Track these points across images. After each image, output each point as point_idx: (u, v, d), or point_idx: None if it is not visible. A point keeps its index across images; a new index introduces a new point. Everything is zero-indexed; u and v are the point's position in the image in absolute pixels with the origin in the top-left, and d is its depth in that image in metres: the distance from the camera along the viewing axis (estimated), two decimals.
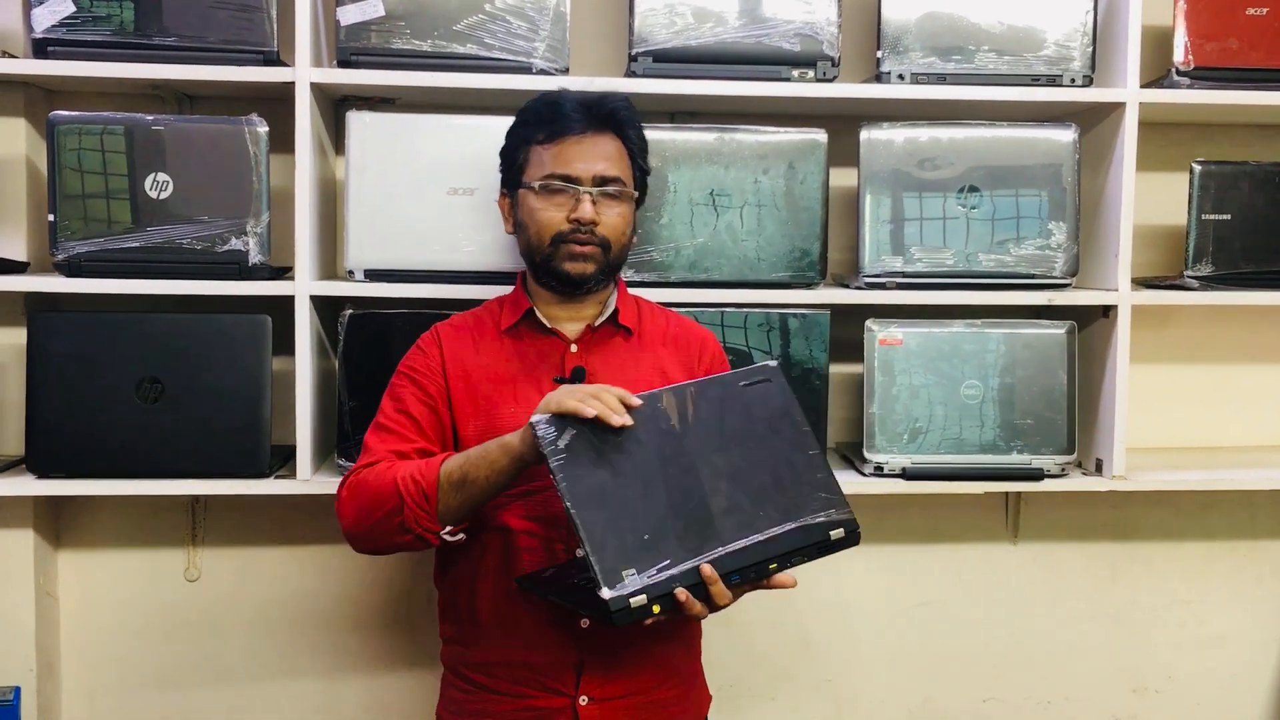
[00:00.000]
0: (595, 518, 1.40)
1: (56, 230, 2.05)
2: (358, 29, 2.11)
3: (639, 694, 1.69)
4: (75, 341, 2.06)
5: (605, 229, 1.71)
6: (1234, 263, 2.29)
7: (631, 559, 1.39)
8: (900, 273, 2.22)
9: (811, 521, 1.52)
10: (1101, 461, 2.31)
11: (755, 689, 2.56)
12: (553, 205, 1.70)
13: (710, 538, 1.45)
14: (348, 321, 2.10)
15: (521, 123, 1.77)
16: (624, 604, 1.37)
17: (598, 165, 1.71)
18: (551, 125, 1.71)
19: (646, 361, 1.77)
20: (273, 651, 2.45)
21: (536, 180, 1.72)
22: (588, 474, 1.42)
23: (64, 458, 2.08)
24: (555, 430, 1.44)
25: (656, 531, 1.43)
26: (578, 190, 1.69)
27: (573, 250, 1.69)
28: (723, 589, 1.45)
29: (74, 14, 2.06)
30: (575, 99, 1.73)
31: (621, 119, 1.74)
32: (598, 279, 1.73)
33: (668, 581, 1.41)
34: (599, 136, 1.72)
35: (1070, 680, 2.63)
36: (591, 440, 1.44)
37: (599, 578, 1.37)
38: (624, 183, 1.73)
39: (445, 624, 1.79)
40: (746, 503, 1.49)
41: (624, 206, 1.74)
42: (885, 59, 2.22)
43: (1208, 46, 2.27)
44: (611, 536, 1.39)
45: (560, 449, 1.42)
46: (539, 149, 1.72)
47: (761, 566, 1.47)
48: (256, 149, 2.08)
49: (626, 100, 1.77)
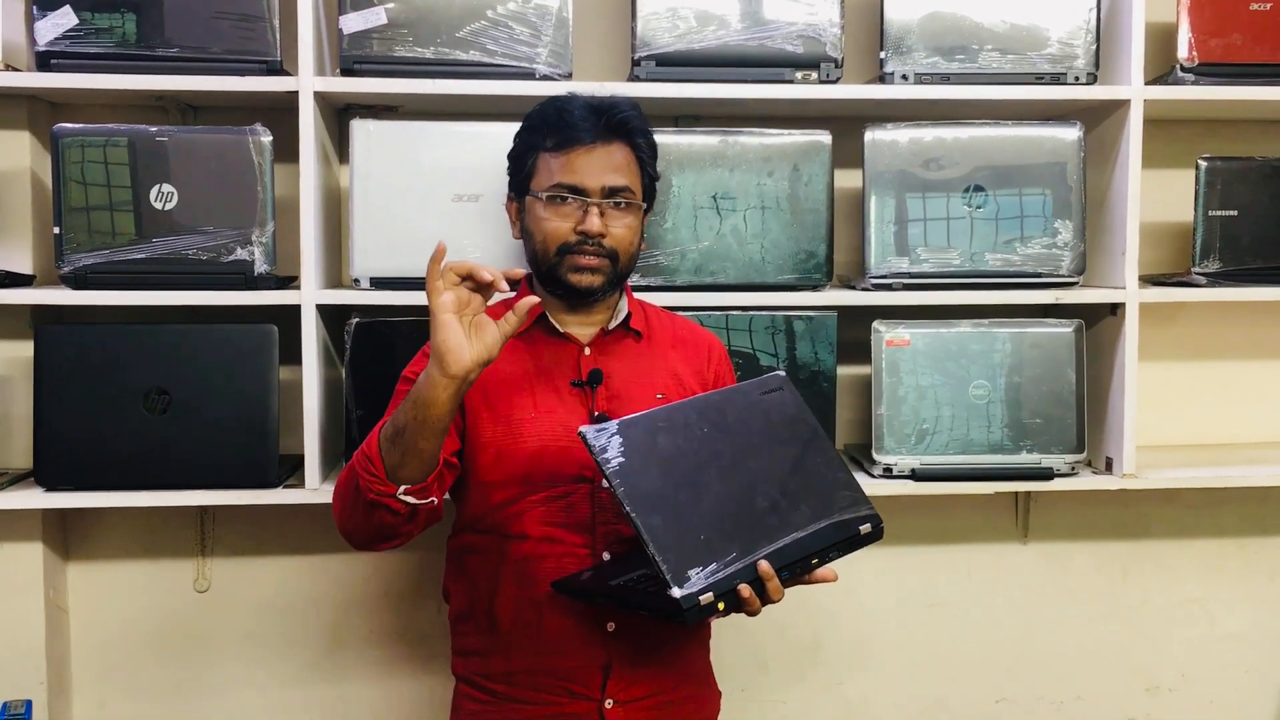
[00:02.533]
0: (656, 521, 1.43)
1: (62, 243, 2.05)
2: (360, 37, 2.11)
3: (660, 694, 1.70)
4: (82, 354, 2.06)
5: (613, 240, 1.69)
6: (1241, 259, 2.29)
7: (695, 559, 1.44)
8: (906, 273, 2.22)
9: (842, 518, 1.58)
10: (1111, 460, 2.30)
11: (766, 692, 2.55)
12: (559, 215, 1.68)
13: (760, 536, 1.50)
14: (354, 330, 2.10)
15: (529, 128, 1.75)
16: (694, 602, 1.41)
17: (606, 176, 1.68)
18: (560, 133, 1.69)
19: (659, 364, 1.77)
20: (282, 661, 2.44)
21: (544, 189, 1.69)
22: (641, 480, 1.45)
23: (72, 470, 2.08)
24: (604, 440, 1.46)
25: (712, 532, 1.47)
26: (585, 201, 1.68)
27: (578, 262, 1.68)
28: (778, 585, 1.48)
29: (77, 26, 2.06)
30: (584, 105, 1.71)
31: (632, 127, 1.72)
32: (605, 290, 1.72)
33: (729, 579, 1.45)
34: (609, 146, 1.70)
35: (1083, 680, 2.62)
36: (638, 448, 1.48)
37: (668, 578, 1.41)
38: (633, 192, 1.72)
39: (459, 635, 1.77)
40: (785, 503, 1.54)
41: (632, 217, 1.72)
42: (888, 59, 2.22)
43: (1212, 42, 2.26)
44: (674, 538, 1.43)
45: (612, 458, 1.45)
46: (547, 156, 1.70)
47: (805, 562, 1.53)
48: (261, 159, 2.08)
49: (636, 107, 1.75)
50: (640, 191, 1.74)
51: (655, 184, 1.80)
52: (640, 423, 1.50)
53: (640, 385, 1.69)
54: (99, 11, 2.06)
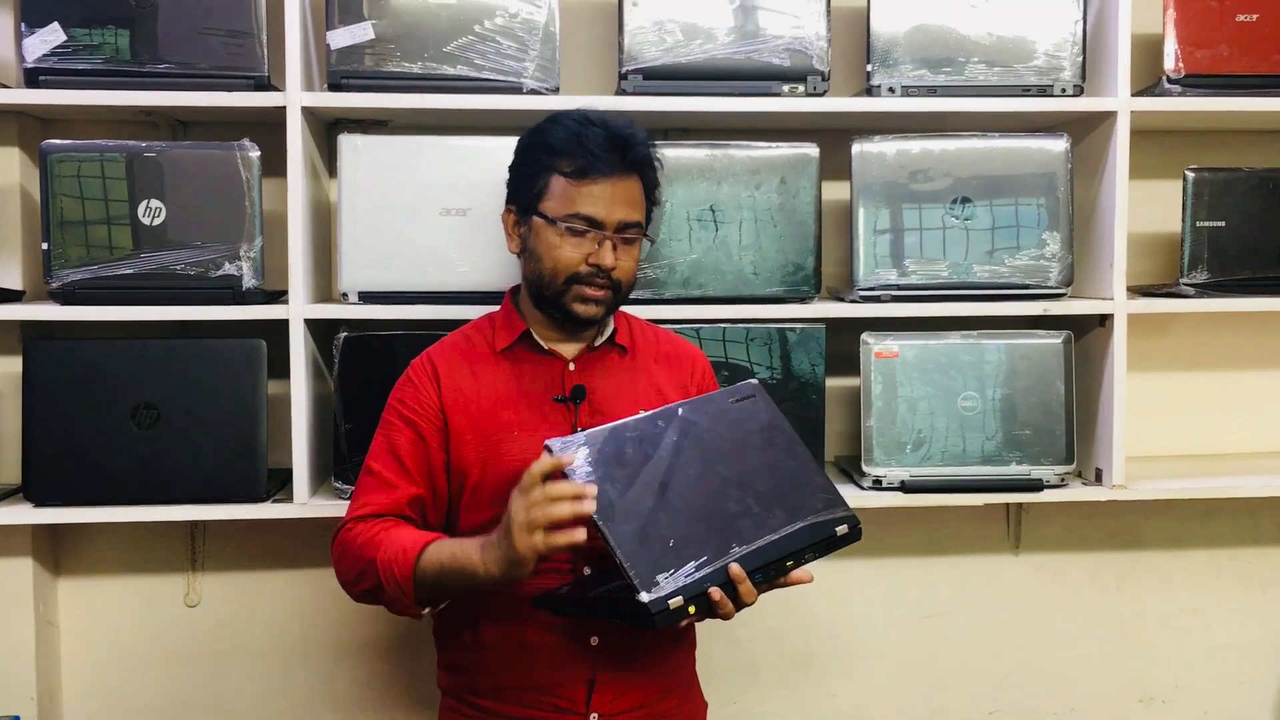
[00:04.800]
0: (624, 529, 1.45)
1: (50, 258, 2.05)
2: (348, 52, 2.11)
3: (645, 705, 1.69)
4: (71, 369, 2.07)
5: (621, 274, 1.68)
6: (1229, 269, 2.29)
7: (663, 564, 1.44)
8: (895, 285, 2.22)
9: (817, 520, 1.58)
10: (1101, 471, 2.30)
11: (759, 703, 2.55)
12: (572, 245, 1.66)
13: (731, 540, 1.50)
14: (343, 344, 2.10)
15: (542, 145, 1.68)
16: (663, 605, 1.42)
17: (622, 210, 1.67)
18: (579, 160, 1.65)
19: (643, 379, 1.77)
20: (273, 675, 2.44)
21: (560, 216, 1.66)
22: (608, 490, 1.46)
23: (61, 486, 2.08)
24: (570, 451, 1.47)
25: (681, 537, 1.48)
26: (600, 235, 1.66)
27: (585, 293, 1.67)
28: (750, 587, 1.48)
29: (65, 43, 2.07)
30: (603, 136, 1.66)
31: (645, 161, 1.71)
32: (604, 318, 1.73)
33: (700, 582, 1.45)
34: (626, 180, 1.68)
35: (1076, 691, 2.62)
36: (605, 458, 1.49)
37: (635, 584, 1.41)
38: (641, 226, 1.72)
39: (444, 651, 1.77)
40: (757, 506, 1.55)
41: (638, 250, 1.72)
42: (875, 72, 2.22)
43: (1198, 54, 2.27)
44: (641, 545, 1.44)
45: (578, 469, 1.46)
46: (564, 182, 1.66)
47: (780, 564, 1.53)
48: (249, 174, 2.08)
49: (651, 143, 1.72)
50: (645, 222, 1.74)
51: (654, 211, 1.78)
52: (608, 434, 1.51)
53: (624, 401, 1.69)
54: (87, 28, 2.07)
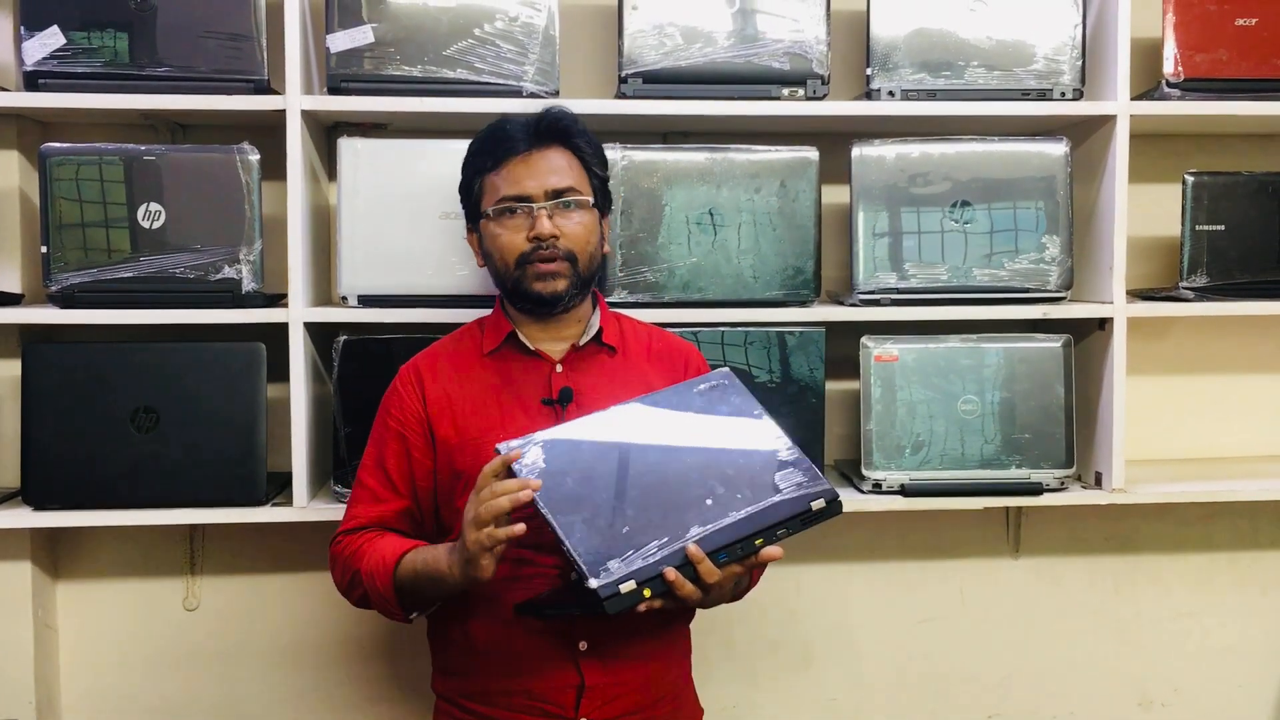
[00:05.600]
0: (574, 519, 1.46)
1: (50, 262, 2.05)
2: (348, 56, 2.11)
3: (638, 711, 1.69)
4: (70, 372, 2.06)
5: (568, 240, 1.69)
6: (1229, 273, 2.29)
7: (614, 550, 1.44)
8: (895, 289, 2.22)
9: (790, 496, 1.56)
10: (1101, 474, 2.30)
11: (757, 708, 2.54)
12: (510, 228, 1.69)
13: (691, 522, 1.49)
14: (342, 347, 2.10)
15: (471, 155, 1.77)
16: (613, 590, 1.41)
17: (549, 179, 1.70)
18: (496, 150, 1.71)
19: (633, 378, 1.76)
20: (272, 678, 2.44)
21: (491, 206, 1.71)
22: (561, 483, 1.48)
23: (60, 489, 2.08)
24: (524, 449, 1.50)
25: (637, 523, 1.48)
26: (532, 207, 1.69)
27: (539, 270, 1.68)
28: (711, 567, 1.47)
29: (65, 46, 2.06)
30: (518, 120, 1.73)
31: (566, 129, 1.73)
32: (571, 294, 1.71)
33: (654, 565, 1.45)
34: (545, 151, 1.71)
35: (1075, 695, 2.62)
36: (560, 454, 1.51)
37: (584, 570, 1.41)
38: (578, 191, 1.72)
39: (437, 655, 1.78)
40: (721, 488, 1.54)
41: (584, 215, 1.72)
42: (875, 76, 2.22)
43: (1197, 58, 2.27)
44: (592, 533, 1.45)
45: (530, 465, 1.48)
46: (490, 177, 1.72)
47: (747, 542, 1.51)
48: (248, 177, 2.08)
49: (569, 112, 1.75)
50: (589, 192, 1.74)
51: (607, 185, 1.80)
52: (563, 430, 1.54)
53: (613, 400, 1.68)
54: (86, 31, 2.07)
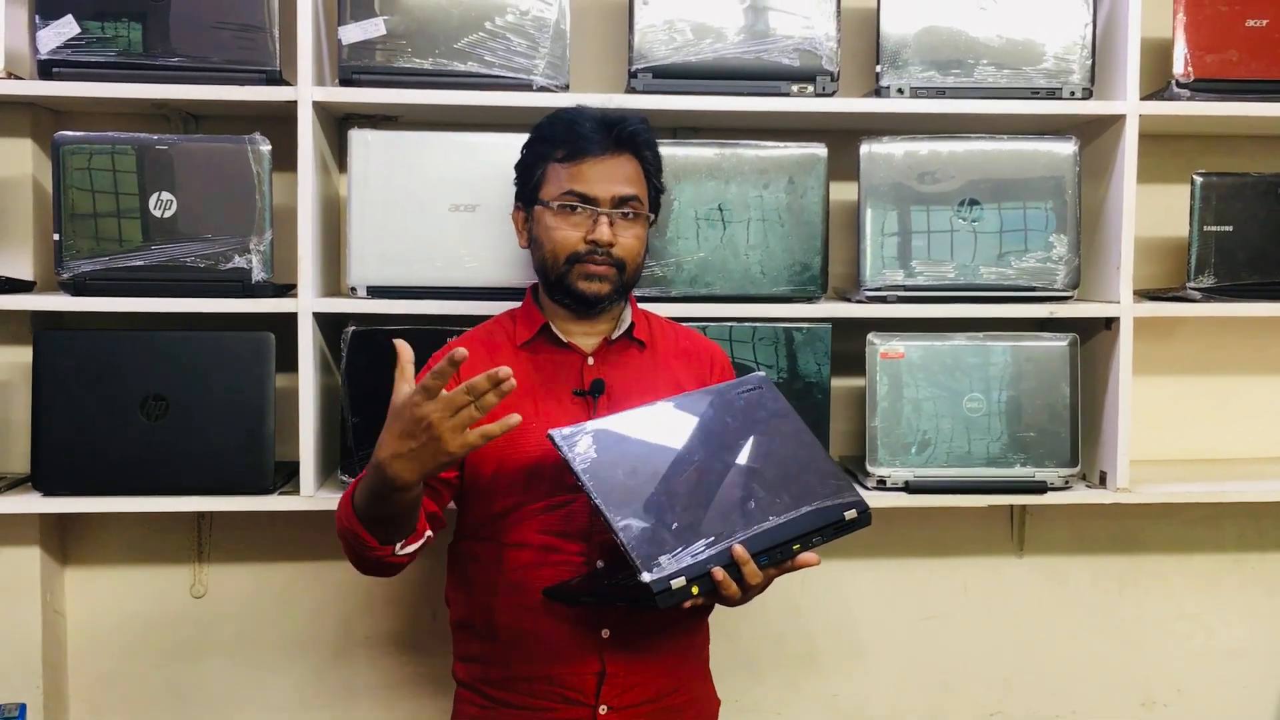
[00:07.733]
0: (627, 512, 1.47)
1: (62, 249, 2.07)
2: (359, 48, 2.12)
3: (656, 700, 1.70)
4: (80, 360, 2.08)
5: (621, 250, 1.72)
6: (1236, 274, 2.29)
7: (665, 546, 1.46)
8: (902, 286, 2.22)
9: (825, 504, 1.60)
10: (1105, 474, 2.30)
11: (761, 704, 2.55)
12: (569, 224, 1.71)
13: (735, 524, 1.52)
14: (350, 338, 2.11)
15: (539, 138, 1.78)
16: (665, 585, 1.43)
17: (616, 186, 1.72)
18: (570, 144, 1.72)
19: (662, 374, 1.79)
20: (279, 667, 2.45)
21: (554, 198, 1.72)
22: (613, 476, 1.49)
23: (69, 475, 2.09)
24: (575, 438, 1.51)
25: (685, 521, 1.50)
26: (595, 211, 1.71)
27: (588, 270, 1.71)
28: (754, 568, 1.50)
29: (79, 35, 2.08)
30: (594, 118, 1.74)
31: (640, 140, 1.75)
32: (612, 299, 1.74)
33: (703, 563, 1.47)
34: (618, 157, 1.73)
35: (1078, 694, 2.62)
36: (610, 446, 1.52)
37: (637, 564, 1.43)
38: (641, 202, 1.75)
39: (460, 641, 1.79)
40: (762, 492, 1.57)
41: (639, 228, 1.75)
42: (884, 73, 2.23)
43: (1208, 58, 2.27)
44: (645, 528, 1.47)
45: (583, 455, 1.50)
46: (557, 167, 1.73)
47: (785, 547, 1.54)
48: (260, 167, 2.09)
49: (645, 121, 1.78)
50: (647, 203, 1.77)
51: (660, 196, 1.83)
52: (613, 422, 1.54)
53: (643, 395, 1.71)
54: (100, 21, 2.08)
